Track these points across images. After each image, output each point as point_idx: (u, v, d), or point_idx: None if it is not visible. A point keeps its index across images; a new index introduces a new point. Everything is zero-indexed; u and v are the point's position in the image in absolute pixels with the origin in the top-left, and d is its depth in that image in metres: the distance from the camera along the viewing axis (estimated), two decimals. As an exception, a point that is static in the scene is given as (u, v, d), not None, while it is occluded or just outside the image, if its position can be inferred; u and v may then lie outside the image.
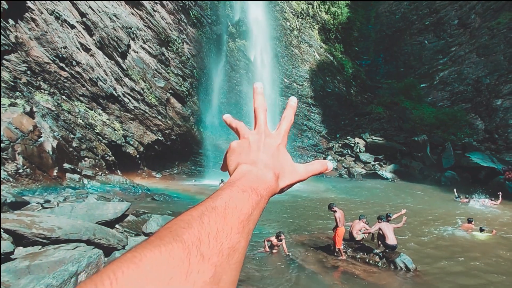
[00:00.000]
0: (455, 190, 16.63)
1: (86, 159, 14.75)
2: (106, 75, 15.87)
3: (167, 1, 18.72)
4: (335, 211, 7.49)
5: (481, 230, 9.50)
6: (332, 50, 28.33)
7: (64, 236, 5.24)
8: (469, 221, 10.43)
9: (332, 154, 25.41)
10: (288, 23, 26.02)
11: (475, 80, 25.49)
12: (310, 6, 27.66)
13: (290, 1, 26.29)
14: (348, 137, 26.15)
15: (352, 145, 25.42)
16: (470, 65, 26.18)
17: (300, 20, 26.94)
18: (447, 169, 21.53)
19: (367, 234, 8.41)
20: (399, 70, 29.60)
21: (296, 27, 26.59)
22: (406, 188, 19.42)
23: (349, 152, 25.21)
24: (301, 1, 26.79)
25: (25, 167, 11.01)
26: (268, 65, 24.73)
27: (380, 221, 7.54)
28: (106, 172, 15.26)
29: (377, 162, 23.98)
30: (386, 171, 22.91)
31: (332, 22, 28.91)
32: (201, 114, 21.57)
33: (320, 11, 28.53)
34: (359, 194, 17.74)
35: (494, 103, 23.85)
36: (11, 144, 10.62)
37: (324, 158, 24.60)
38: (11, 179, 10.50)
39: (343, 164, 24.26)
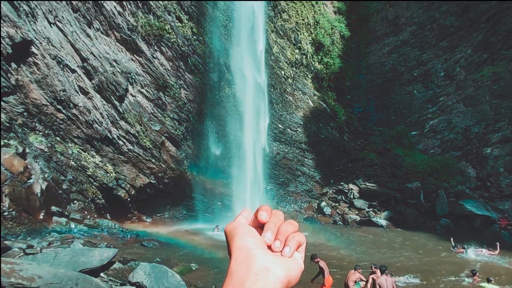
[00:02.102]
0: (451, 239, 16.35)
1: (75, 202, 14.42)
2: (102, 117, 16.03)
3: (167, 49, 19.47)
4: (318, 262, 7.24)
5: (488, 280, 9.20)
6: (325, 98, 29.20)
7: (44, 286, 4.96)
8: (473, 274, 10.16)
9: (326, 200, 25.19)
10: (282, 72, 27.01)
11: (464, 129, 26.19)
12: (304, 56, 28.94)
13: (285, 52, 27.52)
14: (342, 183, 26.12)
15: (346, 191, 25.31)
16: (458, 115, 27.03)
17: (294, 69, 28.02)
18: (442, 217, 21.36)
19: (363, 285, 8.09)
20: (390, 118, 30.41)
21: (291, 76, 27.58)
22: (401, 236, 19.07)
23: (343, 198, 25.03)
24: (296, 52, 28.08)
25: (10, 209, 10.68)
26: (262, 111, 25.25)
27: (376, 270, 7.27)
28: (95, 215, 14.86)
29: (372, 209, 23.76)
30: (381, 218, 22.64)
31: (325, 71, 30.10)
32: (195, 158, 21.56)
33: (314, 61, 29.81)
34: (354, 242, 17.34)
35: (484, 151, 24.32)
36: (-1, 185, 10.40)
37: (318, 204, 24.44)
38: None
39: (337, 211, 23.98)
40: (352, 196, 24.78)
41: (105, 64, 16.02)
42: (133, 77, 17.79)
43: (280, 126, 26.26)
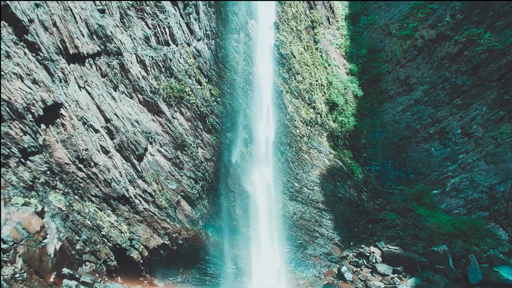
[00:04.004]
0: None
1: (87, 263, 13.99)
2: (121, 176, 16.18)
3: (186, 110, 20.20)
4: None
5: None
6: (341, 156, 29.10)
7: None
8: None
9: (346, 264, 23.70)
10: (298, 130, 27.39)
11: (488, 188, 25.21)
12: (319, 115, 29.52)
13: (300, 111, 28.17)
14: (362, 245, 24.78)
15: (368, 254, 23.87)
16: (481, 172, 26.24)
17: (309, 127, 28.44)
18: (476, 285, 19.62)
19: None
20: (409, 176, 29.76)
21: (306, 134, 27.89)
22: (433, 306, 17.44)
23: (365, 263, 23.52)
24: (310, 111, 28.70)
25: (22, 271, 10.36)
26: (279, 168, 25.21)
27: None
28: (106, 278, 14.28)
29: (396, 275, 22.12)
30: (407, 286, 20.96)
31: (339, 130, 30.43)
32: (210, 218, 21.15)
33: (328, 120, 30.32)
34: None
35: (513, 212, 23.08)
36: (15, 245, 10.23)
37: (339, 269, 22.99)
38: (5, 285, 9.78)
39: (359, 276, 22.41)
40: (374, 260, 23.30)
41: (127, 124, 16.60)
42: (153, 136, 18.27)
43: (296, 184, 25.92)
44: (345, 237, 26.04)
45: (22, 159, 11.14)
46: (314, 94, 29.51)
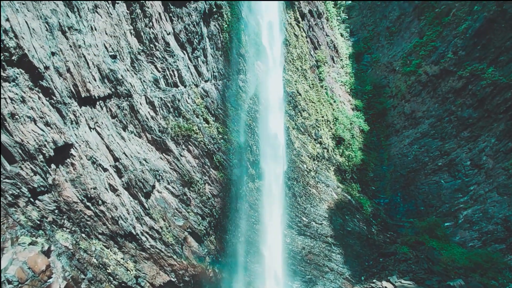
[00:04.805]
0: None
1: (92, 302, 13.97)
2: (128, 213, 16.49)
3: (194, 147, 20.78)
4: None
5: None
6: (349, 190, 28.94)
7: None
8: None
9: (359, 302, 22.91)
10: (305, 165, 27.58)
11: (503, 220, 24.48)
12: (325, 150, 29.79)
13: (307, 146, 28.52)
14: (374, 280, 23.99)
15: (381, 290, 23.06)
16: (494, 204, 25.61)
17: (316, 162, 28.62)
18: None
19: None
20: (419, 209, 29.19)
21: (313, 169, 28.03)
22: None
23: (379, 300, 22.68)
24: (317, 146, 29.01)
25: (26, 311, 10.48)
26: (286, 203, 25.18)
27: None
28: (110, 319, 14.17)
29: (412, 313, 21.19)
30: (424, 325, 19.98)
31: (347, 163, 30.51)
32: (217, 254, 21.00)
33: (335, 154, 30.51)
34: None
35: (531, 245, 22.22)
36: (20, 285, 10.43)
37: (350, 307, 22.13)
38: (9, 325, 9.89)
39: (373, 315, 21.54)
40: (388, 297, 22.45)
41: (135, 162, 17.16)
42: (161, 174, 18.73)
43: (304, 219, 25.70)
44: (356, 271, 25.29)
45: (31, 199, 11.57)
46: (321, 130, 29.96)
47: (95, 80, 15.29)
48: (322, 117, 30.41)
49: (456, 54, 30.81)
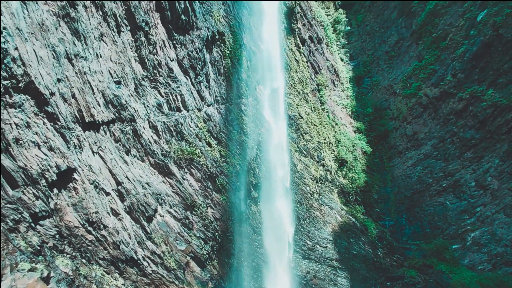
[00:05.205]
0: None
1: (91, 331, 13.60)
2: (130, 238, 16.34)
3: (196, 171, 20.83)
4: None
5: None
6: (353, 212, 28.60)
7: None
8: None
9: (366, 330, 22.10)
10: (308, 188, 27.43)
11: (512, 242, 23.97)
12: (328, 172, 29.69)
13: (309, 168, 28.47)
14: (382, 308, 23.28)
15: (389, 318, 22.31)
16: (502, 225, 25.13)
17: (319, 184, 28.48)
18: None
19: None
20: (425, 231, 28.67)
21: (316, 191, 27.85)
22: None
23: (387, 328, 21.89)
24: (320, 168, 28.97)
25: None
26: (290, 226, 24.87)
27: None
28: None
29: None
30: None
31: (350, 185, 30.31)
32: (220, 279, 20.56)
33: (338, 176, 30.38)
34: None
35: (542, 268, 21.60)
36: (18, 312, 10.22)
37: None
38: None
39: None
40: (397, 325, 21.68)
41: (137, 186, 17.18)
42: (163, 197, 18.70)
43: (308, 242, 25.28)
44: (363, 298, 24.58)
45: (32, 224, 11.51)
46: (323, 152, 30.00)
47: (99, 105, 15.58)
48: (324, 139, 30.53)
49: (455, 76, 31.19)
